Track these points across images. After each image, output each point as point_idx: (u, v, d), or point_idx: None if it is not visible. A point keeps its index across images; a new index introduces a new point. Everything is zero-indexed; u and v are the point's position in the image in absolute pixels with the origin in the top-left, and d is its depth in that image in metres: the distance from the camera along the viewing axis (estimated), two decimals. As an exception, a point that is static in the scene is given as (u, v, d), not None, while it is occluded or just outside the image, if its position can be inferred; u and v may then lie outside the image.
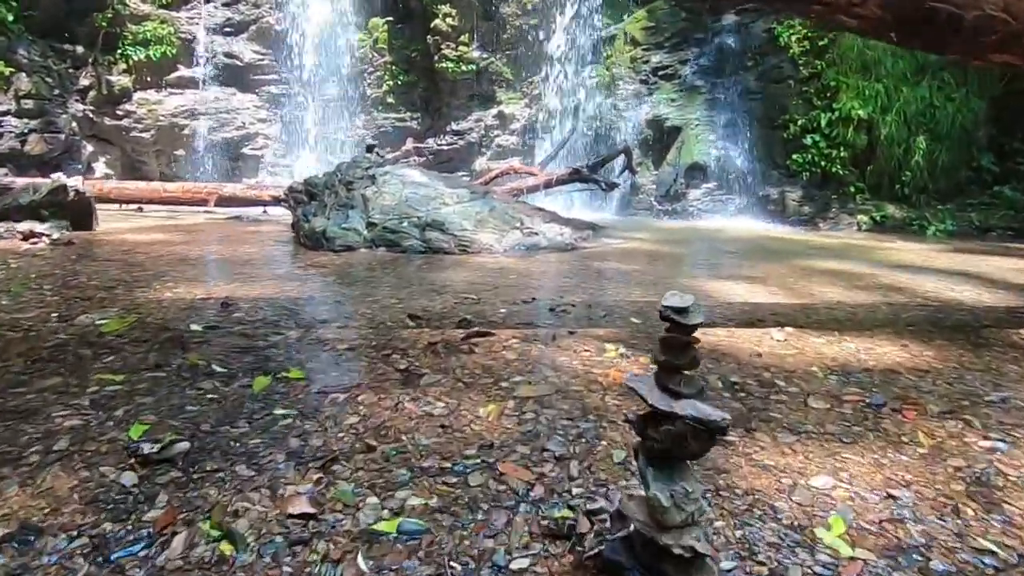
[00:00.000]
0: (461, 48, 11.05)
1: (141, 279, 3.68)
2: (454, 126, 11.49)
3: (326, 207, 6.08)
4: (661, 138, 10.22)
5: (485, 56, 11.19)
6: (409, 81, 11.58)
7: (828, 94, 9.51)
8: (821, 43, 9.56)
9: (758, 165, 9.87)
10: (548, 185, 8.88)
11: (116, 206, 8.61)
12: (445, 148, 11.42)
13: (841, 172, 9.28)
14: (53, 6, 9.98)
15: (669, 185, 9.99)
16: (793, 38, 9.78)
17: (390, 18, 11.53)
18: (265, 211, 8.76)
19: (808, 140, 9.49)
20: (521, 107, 11.28)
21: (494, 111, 11.36)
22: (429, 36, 11.14)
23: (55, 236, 5.16)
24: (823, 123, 9.37)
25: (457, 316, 2.95)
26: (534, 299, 3.43)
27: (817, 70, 9.64)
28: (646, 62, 10.52)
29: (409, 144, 10.60)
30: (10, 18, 9.24)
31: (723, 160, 9.80)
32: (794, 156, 9.62)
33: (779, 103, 9.84)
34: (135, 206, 8.58)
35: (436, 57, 11.17)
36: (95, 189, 8.37)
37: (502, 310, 3.15)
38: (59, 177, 5.84)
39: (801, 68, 9.70)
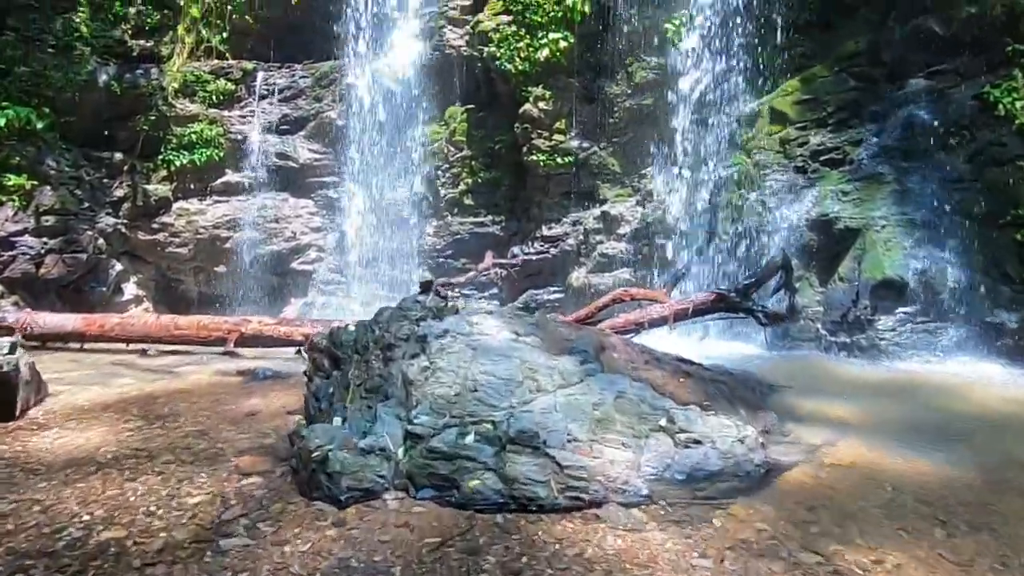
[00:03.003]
0: (556, 137, 8.98)
1: None
2: (545, 231, 9.27)
3: (347, 390, 3.80)
4: (829, 244, 7.46)
5: (586, 145, 9.04)
6: (491, 178, 9.57)
7: (1088, 178, 6.58)
8: (1068, 108, 6.73)
9: (979, 279, 6.91)
10: (681, 317, 6.30)
11: (124, 346, 6.85)
12: (534, 258, 9.16)
13: None
14: (95, 111, 8.87)
15: (846, 308, 7.15)
16: (1018, 104, 6.99)
17: (471, 105, 9.73)
18: (299, 351, 6.69)
19: (1061, 244, 6.51)
20: (631, 206, 8.91)
21: (596, 212, 9.06)
22: (517, 124, 9.19)
23: None
24: (1086, 220, 6.40)
25: None
26: None
27: (1063, 145, 6.76)
28: (802, 144, 7.94)
29: (488, 260, 8.41)
30: (39, 126, 8.06)
31: (928, 274, 6.92)
32: (1038, 267, 6.62)
33: (1005, 193, 6.93)
34: (142, 347, 6.77)
35: (525, 149, 9.16)
36: (92, 327, 6.64)
37: None
38: (-32, 343, 3.94)
39: (1038, 144, 6.86)
